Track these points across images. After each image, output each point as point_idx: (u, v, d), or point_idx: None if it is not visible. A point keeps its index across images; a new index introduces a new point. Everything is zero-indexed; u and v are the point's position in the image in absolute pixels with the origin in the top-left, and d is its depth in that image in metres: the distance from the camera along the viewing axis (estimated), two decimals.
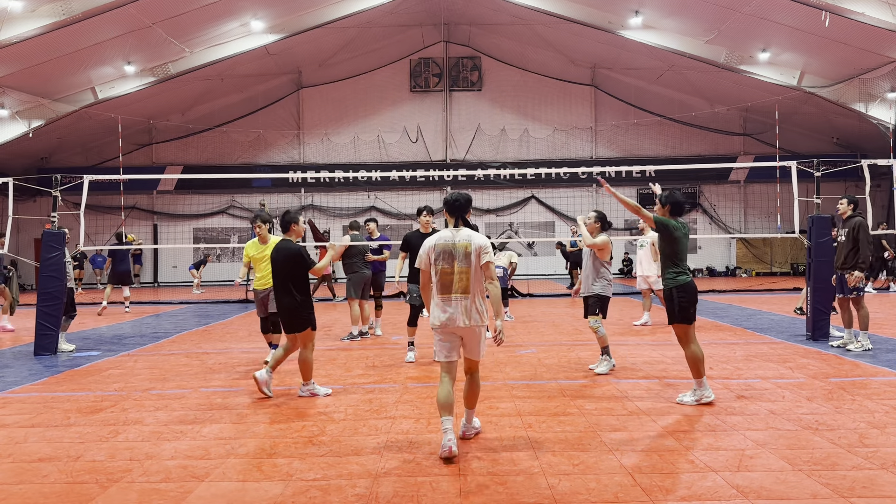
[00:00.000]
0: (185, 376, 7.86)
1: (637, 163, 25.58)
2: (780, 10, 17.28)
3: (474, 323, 4.92)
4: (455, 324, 4.91)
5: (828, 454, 4.66)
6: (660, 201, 6.31)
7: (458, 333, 4.97)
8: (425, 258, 5.05)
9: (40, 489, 4.30)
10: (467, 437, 5.19)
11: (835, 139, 25.89)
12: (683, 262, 6.18)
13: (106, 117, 22.59)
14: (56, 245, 9.85)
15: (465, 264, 4.93)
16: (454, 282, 4.93)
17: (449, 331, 4.96)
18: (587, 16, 21.07)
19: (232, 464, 4.71)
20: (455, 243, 4.98)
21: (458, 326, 4.91)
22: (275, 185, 26.99)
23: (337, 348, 9.86)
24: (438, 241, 5.02)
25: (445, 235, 5.04)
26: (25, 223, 23.35)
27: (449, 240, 5.00)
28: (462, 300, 4.91)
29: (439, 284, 4.98)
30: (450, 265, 4.95)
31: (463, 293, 4.91)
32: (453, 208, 5.12)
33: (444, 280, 4.96)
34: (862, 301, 8.78)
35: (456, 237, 5.01)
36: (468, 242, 4.96)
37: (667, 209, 6.25)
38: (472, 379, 5.12)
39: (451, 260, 4.95)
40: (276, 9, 20.21)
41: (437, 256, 4.99)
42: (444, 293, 4.96)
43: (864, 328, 8.77)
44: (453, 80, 27.36)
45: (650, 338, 10.32)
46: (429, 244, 5.06)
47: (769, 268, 27.28)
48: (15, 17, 15.41)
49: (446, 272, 4.95)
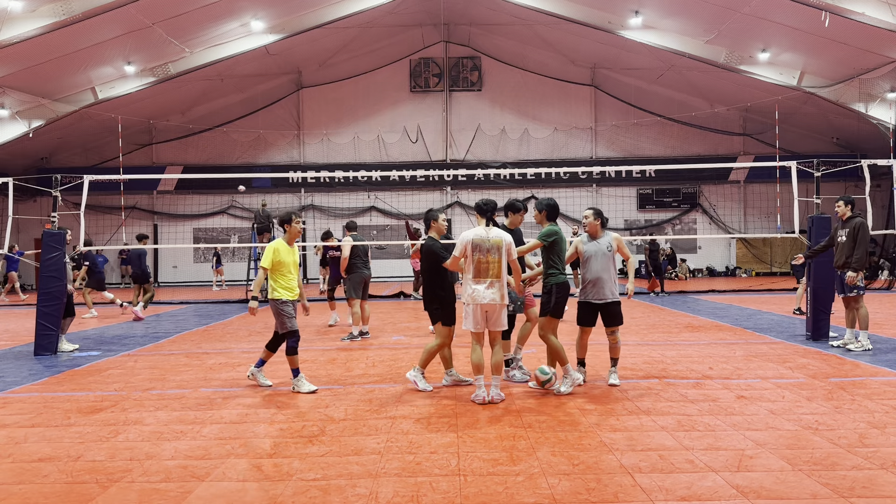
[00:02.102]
0: (185, 376, 7.86)
1: (637, 163, 25.59)
2: (780, 11, 17.27)
3: (500, 301, 6.31)
4: (485, 300, 6.27)
5: (828, 454, 4.66)
6: (536, 208, 6.87)
7: (485, 309, 6.31)
8: (462, 249, 6.39)
9: (40, 489, 4.30)
10: (494, 401, 6.27)
11: (835, 139, 25.89)
12: (562, 263, 6.79)
13: (106, 117, 22.59)
14: (56, 245, 9.86)
15: (497, 255, 6.32)
16: (489, 269, 6.31)
17: (481, 307, 6.31)
18: (587, 16, 21.07)
19: (232, 464, 4.71)
20: (489, 239, 6.36)
21: (487, 303, 6.27)
22: (275, 185, 26.99)
23: (337, 348, 9.86)
24: (475, 237, 6.35)
25: (479, 233, 6.39)
26: (25, 223, 23.36)
27: (483, 236, 6.36)
28: (495, 283, 6.31)
29: (475, 270, 6.31)
30: (484, 256, 6.31)
31: (495, 277, 6.32)
32: (483, 211, 6.49)
33: (479, 267, 6.31)
34: (860, 300, 8.78)
35: (489, 234, 6.38)
36: (500, 239, 6.38)
37: (543, 214, 6.84)
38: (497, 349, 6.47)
39: (485, 252, 6.31)
40: (276, 9, 20.20)
41: (474, 249, 6.32)
42: (479, 277, 6.33)
43: (864, 328, 8.77)
44: (453, 80, 27.36)
45: (650, 338, 10.32)
46: (466, 238, 6.38)
47: (769, 268, 27.28)
48: (15, 17, 15.40)
49: (481, 262, 6.31)
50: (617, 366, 7.12)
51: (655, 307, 15.14)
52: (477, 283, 6.31)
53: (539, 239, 6.72)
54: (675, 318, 12.95)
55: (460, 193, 27.24)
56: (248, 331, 12.07)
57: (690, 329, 11.27)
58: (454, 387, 7.05)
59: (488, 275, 6.29)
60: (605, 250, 6.86)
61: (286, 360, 7.06)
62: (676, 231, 27.09)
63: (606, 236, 6.96)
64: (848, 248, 8.69)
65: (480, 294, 6.28)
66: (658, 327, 11.54)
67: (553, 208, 6.87)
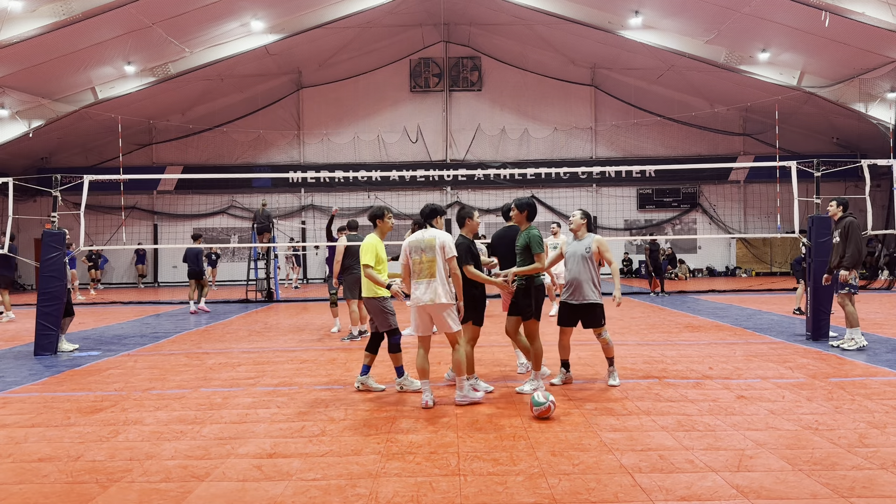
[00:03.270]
0: (185, 376, 7.86)
1: (637, 163, 25.60)
2: (780, 10, 17.28)
3: (441, 301, 6.15)
4: (424, 301, 6.17)
5: (828, 454, 4.66)
6: (517, 207, 6.72)
7: (427, 310, 6.21)
8: (404, 254, 6.37)
9: (40, 489, 4.30)
10: (461, 404, 6.18)
11: (835, 139, 25.89)
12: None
13: (106, 117, 22.59)
14: (56, 245, 9.85)
15: (431, 254, 6.23)
16: (424, 269, 6.22)
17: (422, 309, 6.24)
18: (587, 16, 21.07)
19: (232, 464, 4.71)
20: (424, 238, 6.30)
21: (426, 304, 6.16)
22: (275, 185, 27.00)
23: (337, 348, 9.86)
24: (412, 239, 6.34)
25: (417, 235, 6.37)
26: (25, 223, 23.36)
27: (419, 237, 6.32)
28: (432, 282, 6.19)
29: (414, 272, 6.27)
30: (419, 256, 6.26)
31: (431, 277, 6.20)
32: (423, 216, 6.51)
33: (416, 268, 6.26)
34: (850, 298, 8.79)
35: (425, 235, 6.32)
36: (433, 238, 6.29)
37: (524, 214, 6.71)
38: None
39: (420, 252, 6.27)
40: (276, 9, 20.21)
41: (412, 251, 6.29)
42: (417, 278, 6.26)
43: (854, 325, 8.78)
44: (453, 80, 27.36)
45: (650, 338, 10.32)
46: (405, 243, 6.38)
47: (769, 268, 27.28)
48: (15, 17, 15.41)
49: (417, 262, 6.26)
50: (614, 365, 7.05)
51: (655, 307, 15.14)
52: (417, 285, 6.24)
53: (538, 248, 6.44)
54: (675, 318, 12.95)
55: (460, 193, 27.25)
56: (248, 331, 12.07)
57: (690, 329, 11.27)
58: (453, 387, 7.04)
59: (425, 275, 6.19)
60: (583, 252, 6.85)
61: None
62: (676, 231, 27.09)
63: (587, 238, 6.93)
64: (840, 247, 8.73)
65: (419, 295, 6.19)
66: (658, 327, 11.54)
67: (533, 207, 6.72)
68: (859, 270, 8.89)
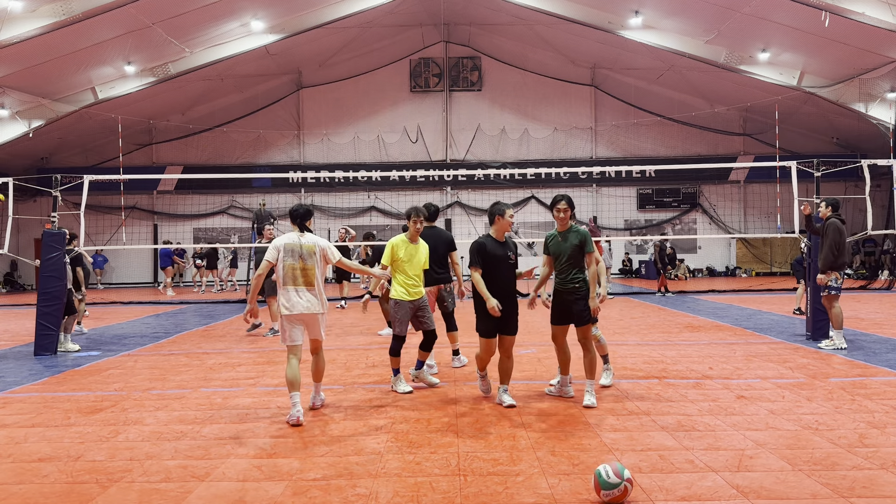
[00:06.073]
0: (185, 376, 7.86)
1: (637, 163, 25.58)
2: (780, 10, 17.27)
3: (319, 310, 5.95)
4: (299, 309, 5.87)
5: (828, 454, 4.66)
6: (568, 204, 6.50)
7: (303, 318, 5.94)
8: (273, 255, 5.94)
9: (40, 489, 4.30)
10: (316, 407, 6.19)
11: (835, 139, 25.88)
12: None
13: (106, 117, 22.58)
14: (56, 245, 9.85)
15: (312, 262, 5.95)
16: (304, 275, 5.91)
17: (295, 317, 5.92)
18: (587, 16, 21.06)
19: (232, 464, 4.71)
20: (303, 244, 5.97)
21: (303, 312, 5.88)
22: (275, 185, 26.96)
23: (337, 348, 9.86)
24: (287, 241, 5.96)
25: (292, 238, 6.00)
26: (25, 223, 23.33)
27: (295, 241, 5.98)
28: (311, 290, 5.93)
29: (288, 278, 5.90)
30: (298, 262, 5.90)
31: (309, 285, 5.93)
32: (294, 217, 6.10)
33: (293, 274, 5.90)
34: (834, 300, 8.80)
35: (302, 240, 5.99)
36: (314, 245, 6.00)
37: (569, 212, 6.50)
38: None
39: (298, 258, 5.91)
40: (276, 9, 20.20)
41: (287, 254, 5.92)
42: (293, 284, 5.91)
43: (838, 327, 8.79)
44: (453, 80, 27.35)
45: (650, 338, 10.32)
46: (277, 244, 5.98)
47: (769, 268, 27.27)
48: (15, 17, 15.40)
49: (295, 268, 5.90)
50: (608, 363, 7.00)
51: (655, 307, 15.14)
52: (286, 291, 5.90)
53: (592, 246, 6.39)
54: (675, 318, 12.95)
55: (460, 193, 27.23)
56: (248, 330, 12.06)
57: (690, 329, 11.27)
58: (453, 387, 7.05)
59: (300, 282, 5.88)
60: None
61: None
62: (676, 231, 27.08)
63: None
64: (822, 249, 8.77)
65: (293, 303, 5.86)
66: (658, 327, 11.54)
67: None
68: (843, 272, 8.87)
